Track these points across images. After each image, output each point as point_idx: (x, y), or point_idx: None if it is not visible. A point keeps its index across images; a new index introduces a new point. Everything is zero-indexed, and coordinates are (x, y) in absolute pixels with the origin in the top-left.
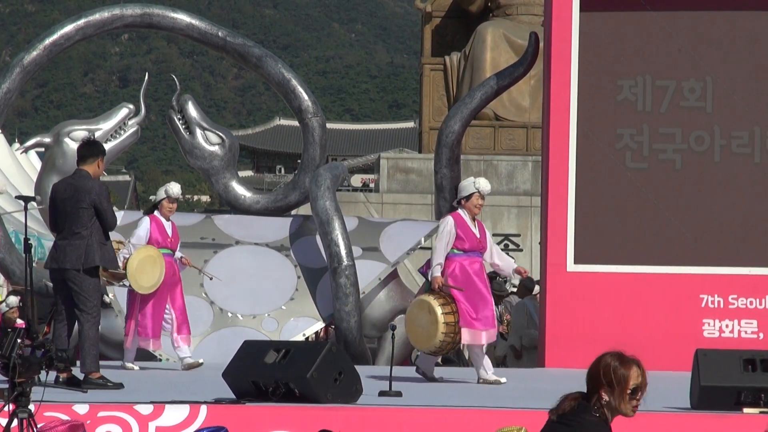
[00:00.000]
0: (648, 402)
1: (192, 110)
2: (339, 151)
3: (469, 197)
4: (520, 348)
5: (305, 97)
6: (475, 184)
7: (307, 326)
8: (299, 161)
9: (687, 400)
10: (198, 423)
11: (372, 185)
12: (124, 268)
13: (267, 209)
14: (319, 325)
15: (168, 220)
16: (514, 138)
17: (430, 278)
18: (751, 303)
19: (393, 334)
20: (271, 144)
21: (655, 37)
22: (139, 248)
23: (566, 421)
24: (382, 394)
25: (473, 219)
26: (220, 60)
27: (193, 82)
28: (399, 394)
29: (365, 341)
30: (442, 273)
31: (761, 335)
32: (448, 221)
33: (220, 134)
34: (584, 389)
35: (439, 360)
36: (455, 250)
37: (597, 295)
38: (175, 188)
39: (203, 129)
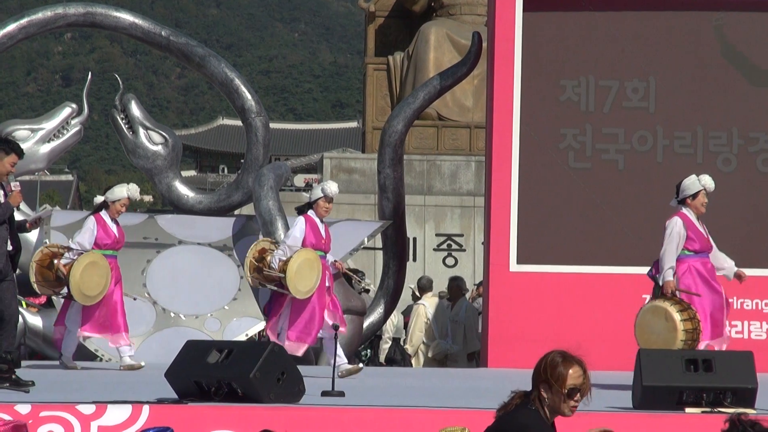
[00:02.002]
0: (590, 402)
1: (135, 110)
2: (282, 150)
3: (695, 195)
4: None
5: (248, 96)
6: (700, 181)
7: (249, 326)
8: (242, 161)
9: (629, 400)
10: (140, 423)
11: (314, 185)
12: (281, 271)
13: (210, 209)
14: (262, 325)
15: (322, 220)
16: (458, 138)
17: (660, 282)
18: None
19: (336, 334)
20: (214, 144)
21: (598, 37)
22: (298, 251)
23: (506, 416)
24: (324, 393)
25: (698, 218)
26: (163, 59)
27: (136, 82)
28: (341, 394)
29: None
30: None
31: None
32: (677, 222)
33: (163, 134)
34: (529, 387)
35: (383, 360)
36: (686, 251)
37: (540, 294)
38: (333, 187)
39: (146, 128)
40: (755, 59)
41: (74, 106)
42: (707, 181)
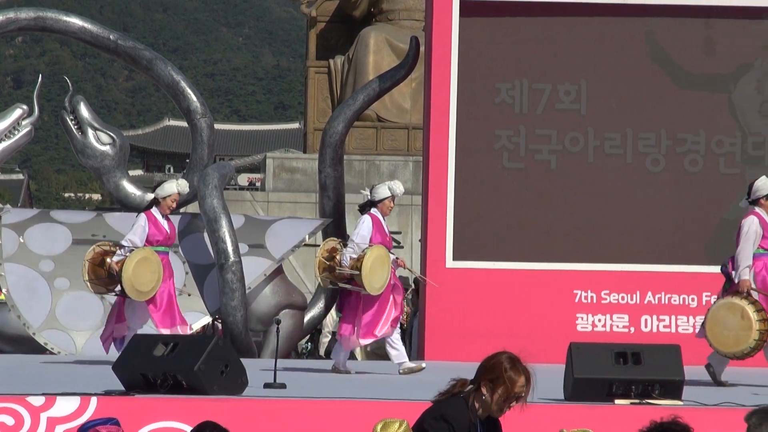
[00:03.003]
0: (524, 407)
1: (84, 111)
2: (226, 151)
3: None
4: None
5: (194, 98)
6: None
7: (194, 320)
8: (188, 161)
9: (561, 392)
10: (88, 414)
11: (258, 184)
12: (355, 269)
13: None
14: (207, 320)
15: (384, 218)
16: (396, 139)
17: (736, 279)
18: (622, 298)
19: (278, 328)
20: (161, 144)
21: (531, 42)
22: (370, 248)
23: (436, 403)
24: (267, 386)
25: None
26: (111, 62)
27: (85, 84)
28: (283, 386)
29: (251, 335)
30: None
31: (632, 329)
32: (753, 220)
33: (111, 134)
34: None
35: (322, 353)
36: (761, 250)
37: (475, 290)
38: (400, 187)
39: (95, 129)
40: (683, 63)
41: (25, 107)
42: None
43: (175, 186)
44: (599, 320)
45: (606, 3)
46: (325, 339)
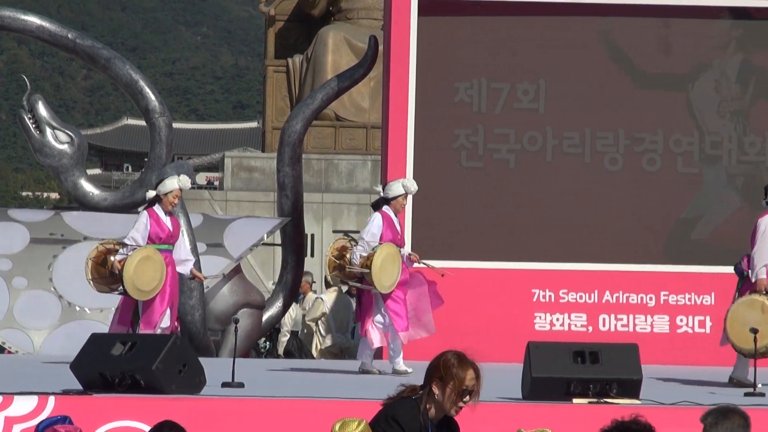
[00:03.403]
0: (482, 393)
1: (42, 110)
2: (185, 149)
3: None
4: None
5: (152, 97)
6: None
7: None
8: (146, 159)
9: (519, 391)
10: (46, 413)
11: (216, 183)
12: (365, 267)
13: (115, 206)
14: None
15: (396, 215)
16: (354, 138)
17: (753, 278)
18: (580, 297)
19: (236, 327)
20: (119, 143)
21: (490, 41)
22: (380, 246)
23: (387, 405)
24: (224, 385)
25: None
26: (69, 61)
27: (43, 83)
28: (241, 385)
29: (209, 334)
30: None
31: (590, 328)
32: None
33: (69, 133)
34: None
35: (281, 352)
36: None
37: None
38: (414, 185)
39: (53, 128)
40: (640, 63)
41: None
42: None
43: (176, 182)
44: (557, 319)
45: (564, 2)
46: (284, 338)
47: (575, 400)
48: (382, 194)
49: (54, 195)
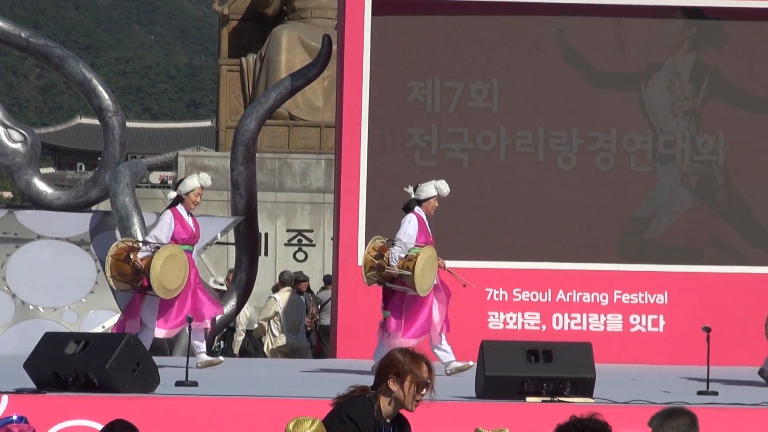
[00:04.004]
0: (434, 391)
1: None
2: (138, 148)
3: None
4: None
5: (105, 96)
6: None
7: (106, 318)
8: (99, 159)
9: (473, 390)
10: None
11: (170, 182)
12: (405, 269)
13: (68, 205)
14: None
15: (427, 218)
16: (308, 137)
17: None
18: (534, 296)
19: (189, 326)
20: (73, 142)
21: (443, 40)
22: (423, 249)
23: (340, 404)
24: (178, 384)
25: None
26: (22, 60)
27: None
28: (195, 384)
29: None
30: None
31: (544, 327)
32: None
33: (23, 132)
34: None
35: (236, 351)
36: None
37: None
38: (447, 187)
39: (6, 127)
40: (594, 62)
41: None
42: None
43: (196, 180)
44: (511, 318)
45: (518, 2)
46: (239, 337)
47: (528, 399)
48: (413, 195)
49: (7, 194)
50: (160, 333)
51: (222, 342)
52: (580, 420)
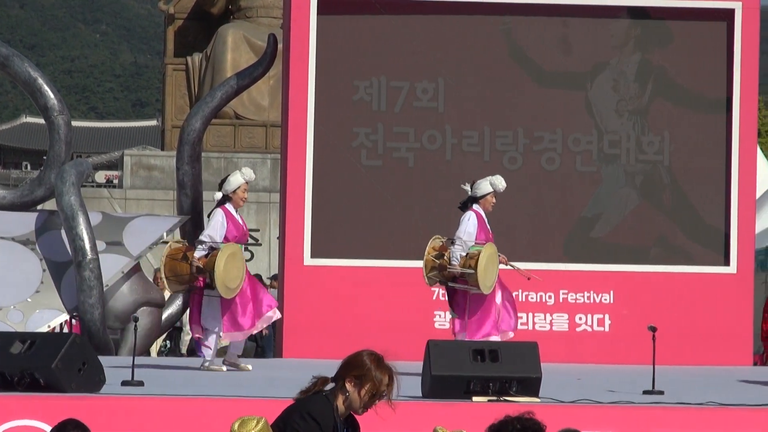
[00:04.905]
0: (391, 401)
1: None
2: (84, 148)
3: None
4: None
5: (51, 95)
6: None
7: (52, 318)
8: (45, 158)
9: (419, 389)
10: None
11: (116, 181)
12: (467, 267)
13: (13, 204)
14: (64, 317)
15: (485, 215)
16: (254, 136)
17: None
18: None
19: (135, 326)
20: (18, 141)
21: (389, 40)
22: (485, 247)
23: (300, 400)
24: (124, 383)
25: None
26: None
27: None
28: (141, 383)
29: (108, 332)
30: None
31: None
32: None
33: None
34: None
35: (184, 351)
36: None
37: (333, 287)
38: (503, 182)
39: None
40: (540, 61)
41: None
42: None
43: (240, 176)
44: None
45: (464, 1)
46: (186, 337)
47: (475, 399)
48: (470, 193)
49: None
50: (232, 337)
51: (169, 341)
52: (518, 418)
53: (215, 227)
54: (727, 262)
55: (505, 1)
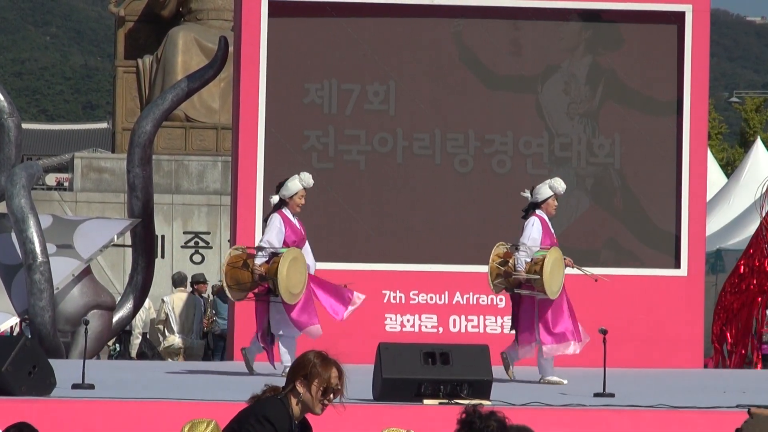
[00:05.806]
0: (344, 396)
1: None
2: (34, 150)
3: None
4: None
5: (1, 97)
6: None
7: (2, 321)
8: None
9: (370, 392)
10: None
11: (66, 184)
12: (533, 273)
13: None
14: (14, 320)
15: (549, 219)
16: (205, 139)
17: None
18: (431, 299)
19: (86, 329)
20: None
21: (340, 42)
22: (549, 251)
23: (254, 404)
24: (75, 386)
25: None
26: None
27: None
28: (91, 386)
29: (59, 335)
30: None
31: (440, 329)
32: None
33: None
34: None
35: (133, 354)
36: None
37: None
38: (562, 183)
39: None
40: (491, 64)
41: None
42: None
43: (298, 182)
44: (408, 320)
45: (415, 4)
46: (135, 340)
47: (426, 401)
48: (530, 199)
49: None
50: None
51: (118, 345)
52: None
53: (274, 233)
54: (677, 265)
55: (455, 3)
